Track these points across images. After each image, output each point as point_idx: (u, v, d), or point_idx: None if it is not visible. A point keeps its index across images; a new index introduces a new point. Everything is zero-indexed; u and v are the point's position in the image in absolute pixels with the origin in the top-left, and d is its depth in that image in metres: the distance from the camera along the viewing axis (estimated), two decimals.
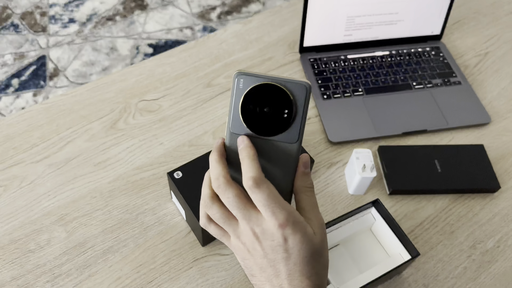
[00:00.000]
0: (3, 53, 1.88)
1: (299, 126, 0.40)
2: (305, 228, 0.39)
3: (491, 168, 0.73)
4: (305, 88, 0.38)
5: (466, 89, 0.85)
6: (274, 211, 0.38)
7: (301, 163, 0.41)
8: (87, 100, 0.81)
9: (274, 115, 0.39)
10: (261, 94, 0.39)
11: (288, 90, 0.39)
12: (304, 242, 0.38)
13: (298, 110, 0.39)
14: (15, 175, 0.70)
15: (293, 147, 0.40)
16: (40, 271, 0.61)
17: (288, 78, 0.39)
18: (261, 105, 0.39)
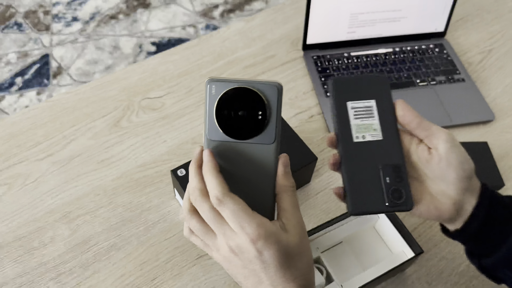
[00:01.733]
0: (6, 52, 1.89)
1: (274, 127, 0.40)
2: (278, 237, 0.38)
3: (495, 165, 0.73)
4: (276, 88, 0.39)
5: (470, 86, 0.85)
6: (242, 226, 0.38)
7: (280, 163, 0.41)
8: (90, 98, 0.81)
9: (248, 118, 0.39)
10: (234, 98, 0.39)
11: (260, 92, 0.39)
12: (280, 251, 0.38)
13: (272, 111, 0.39)
14: (19, 173, 0.71)
15: (271, 148, 0.40)
16: (44, 268, 0.62)
17: (259, 80, 0.39)
18: (235, 109, 0.40)
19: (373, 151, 0.44)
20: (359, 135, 0.44)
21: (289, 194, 0.41)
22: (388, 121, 0.44)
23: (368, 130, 0.44)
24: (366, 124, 0.44)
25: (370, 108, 0.44)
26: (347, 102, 0.45)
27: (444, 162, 0.41)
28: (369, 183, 0.43)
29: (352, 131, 0.44)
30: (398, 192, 0.43)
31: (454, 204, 0.42)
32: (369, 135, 0.44)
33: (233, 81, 0.39)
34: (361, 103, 0.45)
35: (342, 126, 0.44)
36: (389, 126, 0.44)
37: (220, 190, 0.38)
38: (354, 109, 0.44)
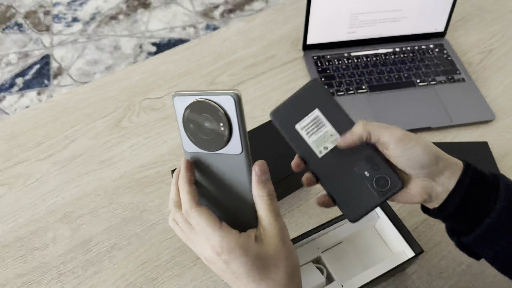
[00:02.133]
0: (7, 52, 1.89)
1: (239, 137, 0.39)
2: (245, 249, 0.38)
3: (495, 165, 0.73)
4: (232, 99, 0.37)
5: (470, 86, 0.85)
6: (208, 238, 0.39)
7: (253, 172, 0.40)
8: (91, 98, 0.81)
9: (212, 130, 0.39)
10: (196, 112, 0.39)
11: (217, 104, 0.38)
12: (247, 263, 0.38)
13: (233, 122, 0.38)
14: (20, 173, 0.71)
15: (240, 158, 0.40)
16: (45, 268, 0.62)
17: (217, 91, 0.38)
18: (198, 122, 0.40)
19: (341, 155, 0.44)
20: (321, 149, 0.44)
21: (263, 203, 0.40)
22: (341, 121, 0.44)
23: (327, 139, 0.44)
24: (321, 135, 0.44)
25: (317, 118, 0.44)
26: (295, 126, 0.45)
27: (398, 162, 0.43)
28: (353, 186, 0.44)
29: (314, 149, 0.44)
30: (382, 179, 0.43)
31: (424, 188, 0.43)
32: (330, 143, 0.44)
33: (193, 94, 0.39)
34: (307, 119, 0.44)
35: (302, 148, 0.45)
36: (344, 125, 0.44)
37: (187, 203, 0.40)
38: (304, 128, 0.44)
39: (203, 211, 0.39)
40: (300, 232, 0.65)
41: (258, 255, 0.39)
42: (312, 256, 0.59)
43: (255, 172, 0.40)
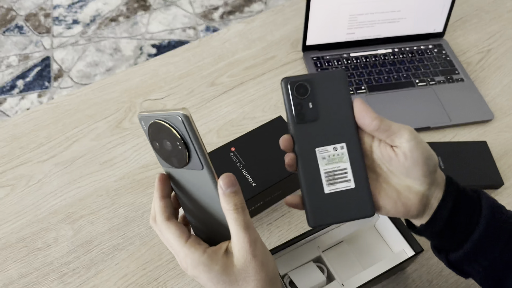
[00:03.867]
0: (8, 55, 1.89)
1: (196, 154, 0.39)
2: (208, 266, 0.38)
3: (494, 164, 0.73)
4: (179, 118, 0.37)
5: (468, 86, 0.85)
6: (177, 253, 0.41)
7: (219, 186, 0.39)
8: (92, 100, 0.82)
9: (172, 149, 0.40)
10: (155, 132, 0.40)
11: (170, 124, 0.38)
12: (213, 279, 0.38)
13: (186, 140, 0.38)
14: (22, 174, 0.71)
15: (204, 173, 0.40)
16: (47, 269, 0.62)
17: (168, 112, 0.38)
18: (161, 141, 0.40)
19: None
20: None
21: (230, 216, 0.39)
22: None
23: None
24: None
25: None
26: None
27: (409, 160, 0.41)
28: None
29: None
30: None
31: (421, 199, 0.42)
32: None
33: (152, 115, 0.39)
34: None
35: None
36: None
37: (159, 218, 0.41)
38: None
39: (171, 225, 0.40)
40: (300, 232, 0.66)
41: (224, 269, 0.39)
42: (313, 255, 0.60)
43: (220, 186, 0.39)
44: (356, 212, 0.43)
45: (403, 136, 0.40)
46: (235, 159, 0.65)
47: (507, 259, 0.42)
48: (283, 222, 0.68)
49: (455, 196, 0.42)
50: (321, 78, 0.43)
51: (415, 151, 0.40)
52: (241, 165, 0.64)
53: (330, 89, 0.43)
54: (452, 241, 0.43)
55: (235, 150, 0.66)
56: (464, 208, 0.42)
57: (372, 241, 0.64)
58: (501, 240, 0.42)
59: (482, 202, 0.43)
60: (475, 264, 0.43)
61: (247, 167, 0.64)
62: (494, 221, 0.42)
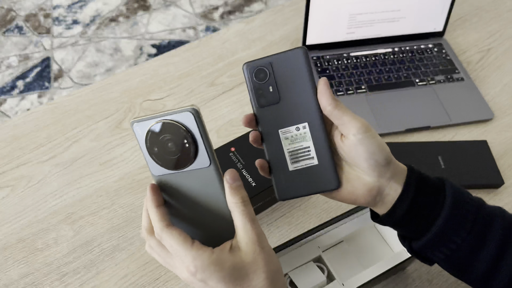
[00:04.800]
0: (8, 55, 1.90)
1: (205, 150, 0.39)
2: (219, 264, 0.38)
3: (494, 163, 0.73)
4: (191, 114, 0.38)
5: (469, 85, 0.85)
6: (182, 259, 0.39)
7: (225, 181, 0.40)
8: (92, 100, 0.82)
9: (178, 149, 0.40)
10: (158, 134, 0.40)
11: (178, 122, 0.39)
12: (225, 277, 0.38)
13: (196, 136, 0.39)
14: (22, 175, 0.71)
15: (210, 170, 0.40)
16: (47, 269, 0.62)
17: (174, 110, 0.39)
18: (162, 144, 0.40)
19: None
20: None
21: (238, 210, 0.40)
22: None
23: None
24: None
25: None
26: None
27: (353, 153, 0.41)
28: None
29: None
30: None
31: (370, 191, 0.42)
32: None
33: (152, 117, 0.39)
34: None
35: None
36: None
37: (158, 226, 0.40)
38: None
39: (174, 231, 0.40)
40: (300, 232, 0.66)
41: (234, 266, 0.39)
42: (313, 255, 0.60)
43: (227, 180, 0.40)
44: (320, 185, 0.44)
45: (350, 130, 0.40)
46: (235, 159, 0.65)
47: (469, 248, 0.42)
48: (283, 222, 0.68)
49: (415, 187, 0.42)
50: (281, 59, 0.43)
51: (359, 146, 0.40)
52: (241, 165, 0.64)
53: (291, 69, 0.43)
54: (414, 230, 0.43)
55: (235, 150, 0.66)
56: (426, 199, 0.42)
57: (372, 240, 0.64)
58: (463, 229, 0.42)
59: (446, 191, 0.42)
60: (437, 253, 0.43)
61: (247, 167, 0.64)
62: (457, 210, 0.42)
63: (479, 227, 0.42)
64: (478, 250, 0.42)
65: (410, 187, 0.42)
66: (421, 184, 0.42)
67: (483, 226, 0.42)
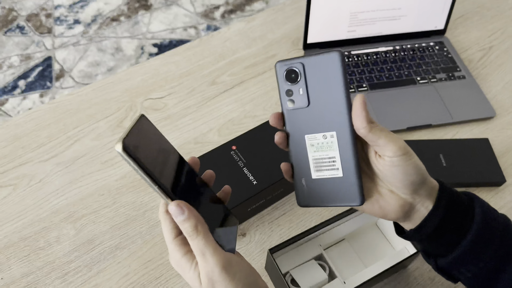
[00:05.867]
0: (9, 55, 1.90)
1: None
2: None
3: (496, 162, 0.73)
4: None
5: (470, 84, 0.85)
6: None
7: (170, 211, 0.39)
8: (93, 99, 0.82)
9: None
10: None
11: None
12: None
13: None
14: (24, 174, 0.71)
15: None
16: (49, 268, 0.62)
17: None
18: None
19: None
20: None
21: (190, 243, 0.39)
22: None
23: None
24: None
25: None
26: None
27: (388, 172, 0.40)
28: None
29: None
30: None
31: (402, 207, 0.42)
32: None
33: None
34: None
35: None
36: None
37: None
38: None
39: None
40: (302, 230, 0.66)
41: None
42: (315, 253, 0.60)
43: (171, 212, 0.38)
44: (343, 199, 0.42)
45: (386, 152, 0.39)
46: (236, 158, 0.65)
47: (496, 266, 0.42)
48: (284, 220, 0.68)
49: (446, 205, 0.42)
50: (315, 61, 0.41)
51: (394, 168, 0.39)
52: (242, 163, 0.64)
53: (324, 73, 0.41)
54: (442, 247, 0.43)
55: (236, 148, 0.66)
56: (456, 215, 0.42)
57: (374, 239, 0.64)
58: (491, 247, 0.42)
59: (475, 209, 0.42)
60: (463, 270, 0.43)
61: (248, 166, 0.64)
62: (485, 228, 0.41)
63: (506, 245, 0.42)
64: (503, 269, 0.42)
65: (440, 205, 0.41)
66: (451, 202, 0.42)
67: (509, 245, 0.42)
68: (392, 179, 0.40)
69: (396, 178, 0.40)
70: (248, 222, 0.67)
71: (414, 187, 0.41)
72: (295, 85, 0.42)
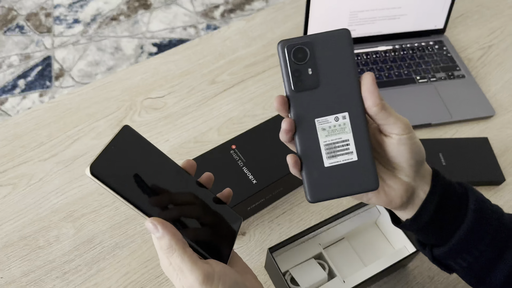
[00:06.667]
0: (9, 54, 1.90)
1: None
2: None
3: (495, 160, 0.73)
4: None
5: (470, 83, 0.85)
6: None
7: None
8: (93, 98, 0.82)
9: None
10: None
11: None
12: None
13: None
14: (24, 173, 0.71)
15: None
16: (49, 267, 0.62)
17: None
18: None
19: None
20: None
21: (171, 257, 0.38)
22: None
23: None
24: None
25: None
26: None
27: (395, 151, 0.39)
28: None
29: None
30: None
31: (406, 191, 0.41)
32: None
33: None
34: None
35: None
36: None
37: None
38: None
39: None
40: (301, 229, 0.66)
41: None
42: (314, 252, 0.60)
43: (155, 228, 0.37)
44: (359, 185, 0.39)
45: (394, 130, 0.39)
46: (236, 157, 0.65)
47: (492, 255, 0.42)
48: (284, 219, 0.68)
49: (441, 190, 0.42)
50: (323, 39, 0.39)
51: (402, 146, 0.39)
52: (242, 163, 0.64)
53: (332, 51, 0.39)
54: (438, 236, 0.43)
55: (236, 148, 0.66)
56: (451, 203, 0.42)
57: (373, 238, 0.64)
58: (486, 236, 0.42)
59: (469, 198, 0.42)
60: (459, 260, 0.43)
61: (248, 165, 0.64)
62: (480, 217, 0.42)
63: (501, 234, 0.42)
64: (499, 258, 0.42)
65: (436, 189, 0.42)
66: (446, 189, 0.42)
67: (504, 234, 0.42)
68: (398, 158, 0.40)
69: (403, 157, 0.40)
70: (247, 221, 0.67)
71: (417, 168, 0.41)
72: (303, 64, 0.39)
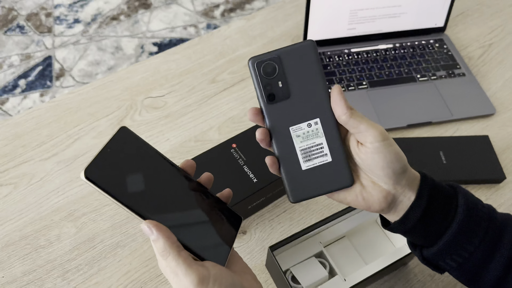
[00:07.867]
0: (9, 54, 1.90)
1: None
2: None
3: (496, 159, 0.73)
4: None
5: (470, 81, 0.85)
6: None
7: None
8: (93, 98, 0.82)
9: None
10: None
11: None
12: None
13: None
14: (25, 173, 0.71)
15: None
16: (50, 266, 0.62)
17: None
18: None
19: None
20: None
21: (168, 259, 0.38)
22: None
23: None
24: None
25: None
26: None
27: (369, 160, 0.40)
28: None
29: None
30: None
31: (385, 198, 0.42)
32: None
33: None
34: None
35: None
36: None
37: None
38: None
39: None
40: (302, 227, 0.66)
41: None
42: (315, 251, 0.60)
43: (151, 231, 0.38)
44: (335, 183, 0.42)
45: (367, 138, 0.40)
46: (236, 156, 0.65)
47: (482, 255, 0.42)
48: (284, 218, 0.68)
49: (429, 196, 0.41)
50: (290, 53, 0.42)
51: (376, 154, 0.40)
52: (243, 161, 0.64)
53: (300, 63, 0.42)
54: (426, 238, 0.43)
55: (236, 146, 0.66)
56: (439, 206, 0.42)
57: (374, 236, 0.64)
58: (476, 237, 0.42)
59: (459, 199, 0.42)
60: (448, 260, 0.43)
61: (248, 164, 0.64)
62: (469, 219, 0.41)
63: (492, 235, 0.42)
64: (490, 258, 0.42)
65: (423, 195, 0.41)
66: (434, 192, 0.42)
67: (495, 234, 0.42)
68: (373, 167, 0.41)
69: (377, 166, 0.40)
70: (248, 220, 0.67)
71: (396, 177, 0.41)
72: (273, 78, 0.42)
